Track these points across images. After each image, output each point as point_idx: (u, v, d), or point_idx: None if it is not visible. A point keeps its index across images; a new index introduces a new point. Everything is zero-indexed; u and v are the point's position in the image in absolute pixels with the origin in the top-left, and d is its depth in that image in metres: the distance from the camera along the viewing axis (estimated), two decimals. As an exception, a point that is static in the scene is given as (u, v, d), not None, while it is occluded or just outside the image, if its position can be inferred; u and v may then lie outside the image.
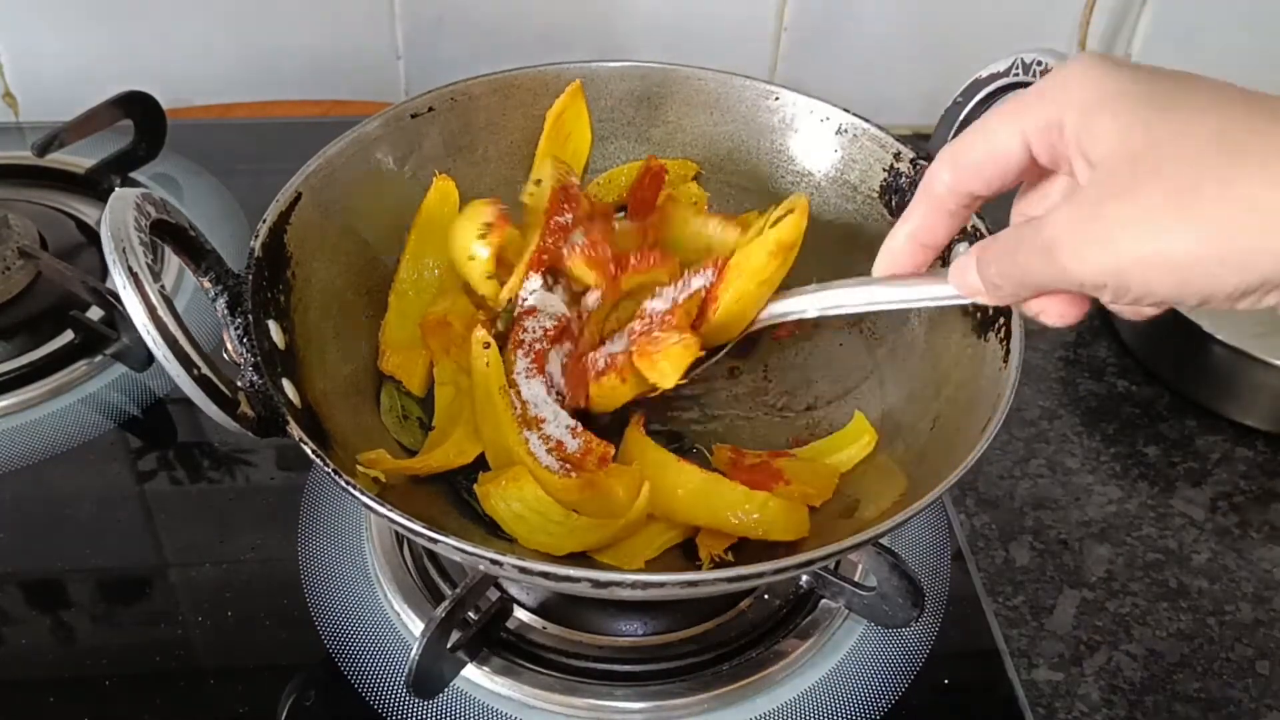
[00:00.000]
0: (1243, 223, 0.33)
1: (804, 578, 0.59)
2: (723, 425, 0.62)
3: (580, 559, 0.53)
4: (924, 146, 0.63)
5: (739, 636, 0.59)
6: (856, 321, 0.65)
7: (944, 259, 0.61)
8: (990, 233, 0.58)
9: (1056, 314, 0.42)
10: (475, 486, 0.55)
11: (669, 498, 0.53)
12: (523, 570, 0.44)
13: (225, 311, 0.50)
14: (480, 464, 0.57)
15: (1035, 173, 0.42)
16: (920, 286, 0.49)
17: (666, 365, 0.54)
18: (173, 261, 0.79)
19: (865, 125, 0.65)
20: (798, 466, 0.57)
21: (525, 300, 0.59)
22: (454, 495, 0.57)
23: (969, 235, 0.59)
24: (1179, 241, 0.34)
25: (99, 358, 0.73)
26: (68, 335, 0.73)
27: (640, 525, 0.53)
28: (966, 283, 0.44)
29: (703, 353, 0.56)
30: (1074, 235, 0.37)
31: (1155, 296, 0.36)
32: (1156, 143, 0.35)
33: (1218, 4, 0.99)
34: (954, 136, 0.59)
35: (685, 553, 0.55)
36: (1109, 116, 0.36)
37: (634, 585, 0.44)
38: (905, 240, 0.47)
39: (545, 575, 0.44)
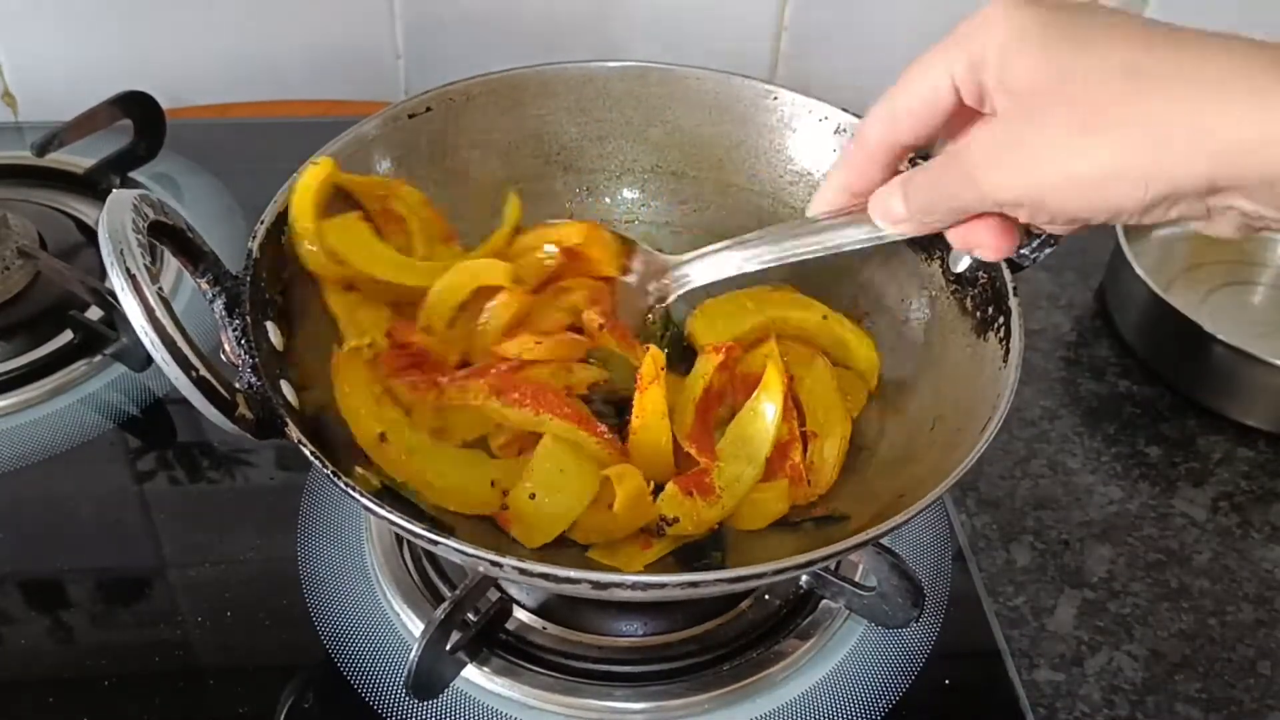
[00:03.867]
0: (1142, 140, 0.37)
1: (804, 578, 0.58)
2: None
3: (580, 560, 0.53)
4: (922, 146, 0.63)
5: (739, 637, 0.59)
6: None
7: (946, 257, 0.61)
8: None
9: (990, 245, 0.45)
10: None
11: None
12: (523, 571, 0.44)
13: (223, 313, 0.50)
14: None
15: (960, 120, 0.44)
16: (844, 230, 0.51)
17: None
18: (171, 262, 0.78)
19: (865, 125, 0.65)
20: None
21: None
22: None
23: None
24: (1087, 161, 0.38)
25: (98, 358, 0.73)
26: (67, 335, 0.73)
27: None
28: (890, 212, 0.47)
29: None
30: (991, 159, 0.40)
31: (1068, 214, 0.40)
32: (1069, 74, 0.38)
33: (1219, 4, 0.99)
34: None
35: (683, 558, 0.55)
36: (1027, 51, 0.39)
37: (634, 586, 0.44)
38: (837, 191, 0.50)
39: (545, 577, 0.44)
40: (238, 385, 0.48)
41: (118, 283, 0.43)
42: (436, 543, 0.44)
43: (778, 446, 0.56)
